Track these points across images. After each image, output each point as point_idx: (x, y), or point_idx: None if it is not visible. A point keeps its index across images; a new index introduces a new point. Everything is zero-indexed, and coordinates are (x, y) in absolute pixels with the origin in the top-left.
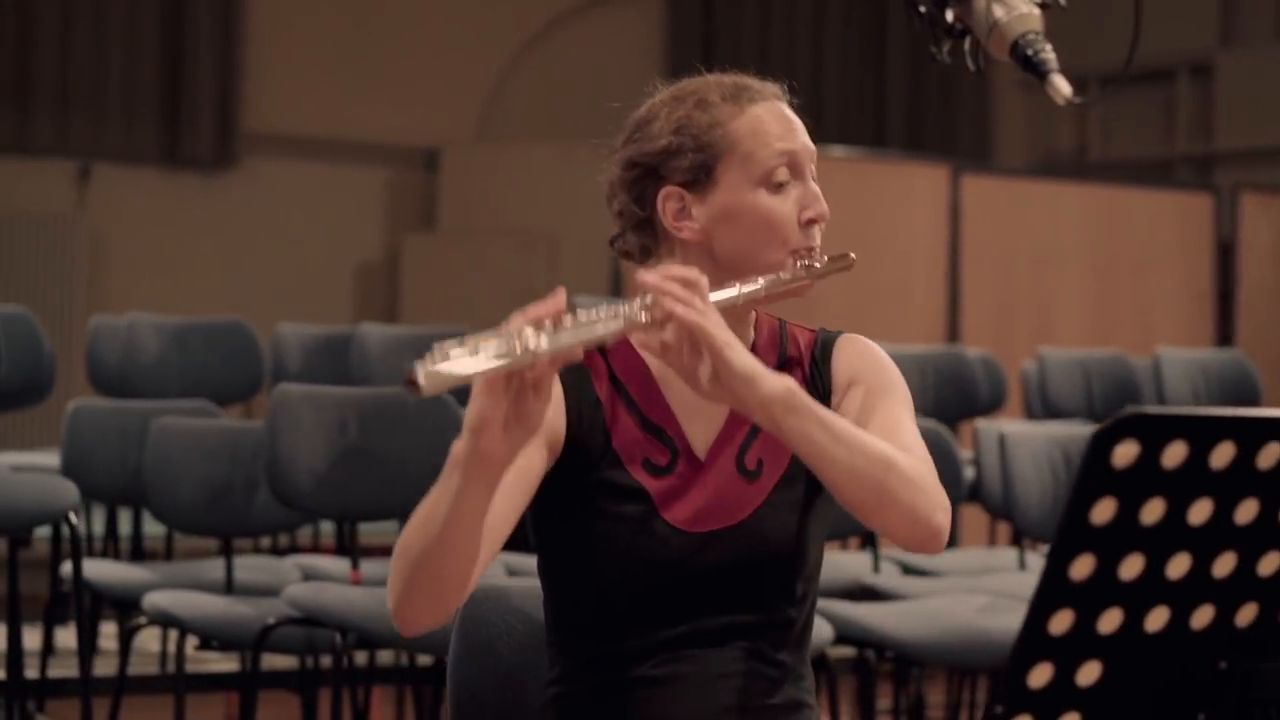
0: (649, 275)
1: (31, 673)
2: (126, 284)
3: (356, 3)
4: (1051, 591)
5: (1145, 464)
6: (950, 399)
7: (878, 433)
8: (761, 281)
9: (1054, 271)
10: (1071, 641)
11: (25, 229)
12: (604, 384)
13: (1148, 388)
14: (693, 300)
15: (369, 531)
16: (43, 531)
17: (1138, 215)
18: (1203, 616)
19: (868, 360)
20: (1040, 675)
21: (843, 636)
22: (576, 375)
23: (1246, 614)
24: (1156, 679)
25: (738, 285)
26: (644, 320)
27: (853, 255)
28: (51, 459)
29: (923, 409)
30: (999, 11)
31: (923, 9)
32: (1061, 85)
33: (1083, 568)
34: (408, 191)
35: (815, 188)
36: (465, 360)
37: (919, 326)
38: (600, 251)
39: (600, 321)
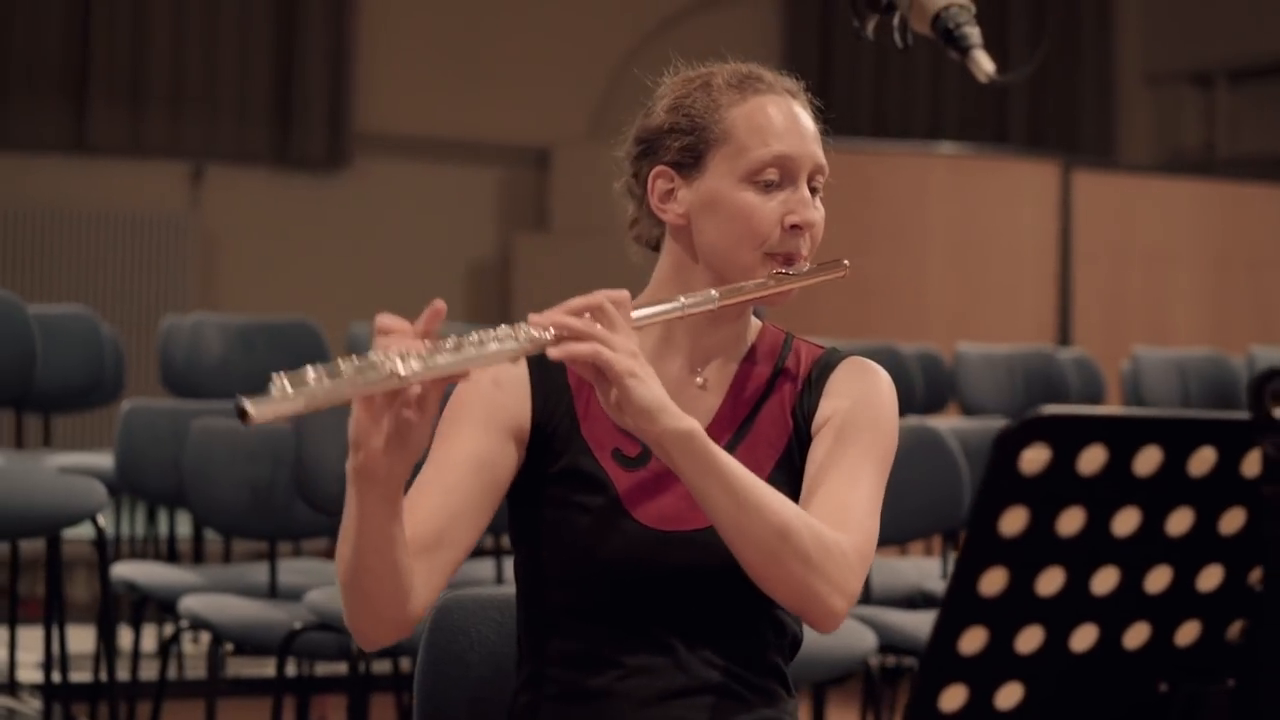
0: (538, 316)
1: (84, 675)
2: (239, 284)
3: (468, 2)
4: (960, 608)
5: (1058, 470)
6: (1040, 400)
7: (828, 486)
8: (713, 293)
9: (1169, 269)
10: (987, 661)
11: (139, 230)
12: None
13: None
14: (589, 331)
15: None
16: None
17: (1258, 211)
18: (1137, 635)
19: (859, 395)
20: (953, 697)
21: (886, 645)
22: (546, 361)
23: (1188, 633)
24: (1089, 702)
25: (681, 299)
26: (548, 338)
27: (845, 263)
28: (109, 460)
29: (1011, 410)
30: None
31: None
32: (984, 62)
33: (994, 582)
34: (519, 191)
35: (807, 194)
36: (312, 387)
37: (1028, 325)
38: None
39: (498, 340)
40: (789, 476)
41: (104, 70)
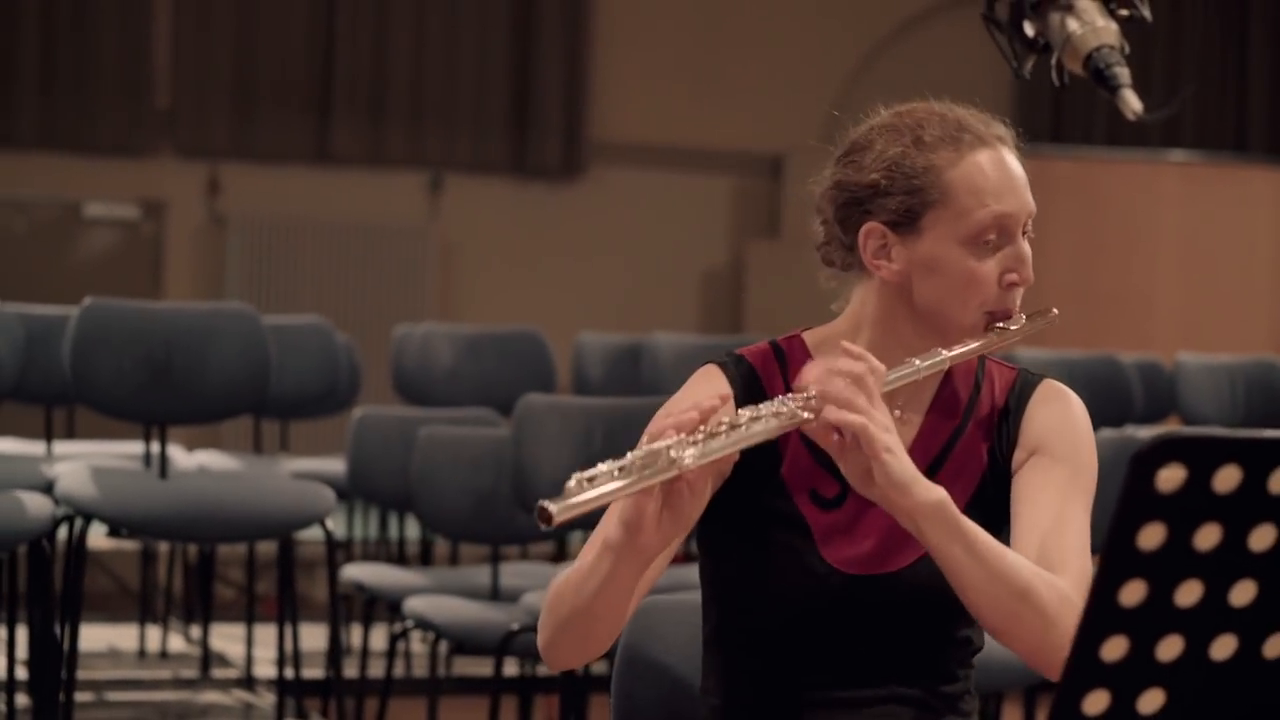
0: (811, 371)
1: (315, 672)
2: (476, 293)
3: (701, 12)
4: (1101, 617)
5: (1194, 488)
6: (1261, 411)
7: (1041, 525)
8: (945, 354)
9: None
10: (1128, 669)
11: (379, 239)
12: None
13: None
14: (855, 400)
15: None
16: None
17: None
18: (1277, 646)
19: (1062, 428)
20: (1096, 702)
21: None
22: (754, 400)
23: None
24: (1231, 709)
25: (916, 361)
26: (806, 418)
27: (1055, 310)
28: (342, 465)
29: (1231, 422)
30: (1073, 24)
31: (1000, 25)
32: (1132, 101)
33: (1134, 593)
34: (752, 199)
35: (1025, 248)
36: (606, 484)
37: (1260, 335)
38: None
39: (761, 419)
40: (983, 512)
41: (346, 83)
